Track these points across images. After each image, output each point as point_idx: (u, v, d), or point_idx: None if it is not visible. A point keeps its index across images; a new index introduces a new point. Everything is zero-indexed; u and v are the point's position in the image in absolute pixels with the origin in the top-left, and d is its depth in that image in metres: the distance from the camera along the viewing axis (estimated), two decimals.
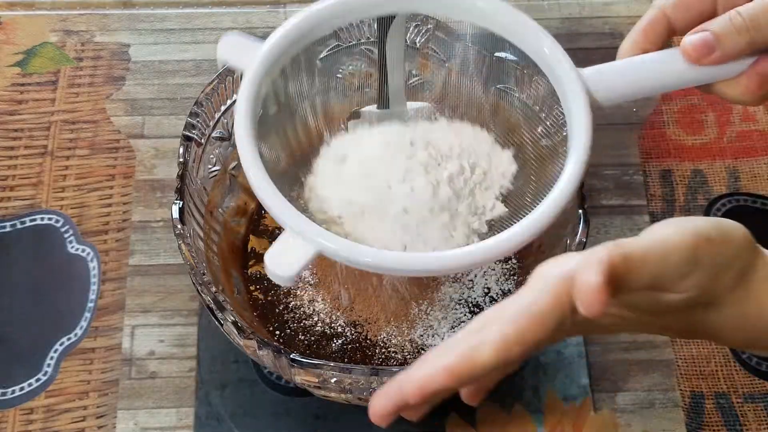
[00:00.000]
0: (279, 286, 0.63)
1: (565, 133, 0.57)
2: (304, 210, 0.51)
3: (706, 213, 0.70)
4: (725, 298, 0.41)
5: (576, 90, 0.48)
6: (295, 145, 0.62)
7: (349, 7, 0.52)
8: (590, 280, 0.37)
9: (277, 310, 0.62)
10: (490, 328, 0.39)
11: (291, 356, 0.50)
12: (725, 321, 0.42)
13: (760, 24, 0.43)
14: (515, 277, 0.63)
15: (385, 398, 0.41)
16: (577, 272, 0.38)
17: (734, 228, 0.41)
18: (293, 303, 0.63)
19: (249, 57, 0.51)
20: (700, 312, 0.42)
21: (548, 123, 0.57)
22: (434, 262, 0.48)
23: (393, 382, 0.41)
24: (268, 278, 0.63)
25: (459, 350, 0.40)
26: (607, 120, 0.73)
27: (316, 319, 0.62)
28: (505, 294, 0.63)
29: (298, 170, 0.57)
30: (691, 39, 0.45)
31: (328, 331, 0.61)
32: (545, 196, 0.48)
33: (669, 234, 0.40)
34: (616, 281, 0.38)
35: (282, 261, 0.46)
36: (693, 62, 0.45)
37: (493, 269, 0.64)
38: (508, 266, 0.64)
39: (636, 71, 0.48)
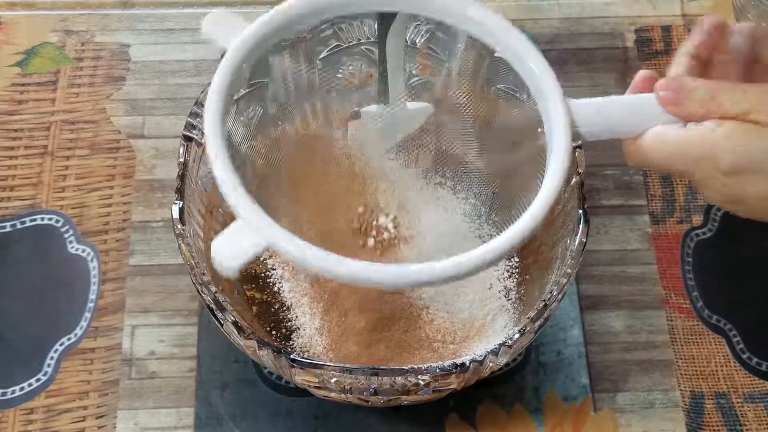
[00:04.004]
0: (275, 286, 0.63)
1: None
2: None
3: (707, 213, 0.70)
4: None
5: (562, 123, 0.48)
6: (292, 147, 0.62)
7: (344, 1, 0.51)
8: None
9: (273, 309, 0.62)
10: None
11: (291, 356, 0.50)
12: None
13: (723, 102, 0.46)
14: (517, 276, 0.63)
15: None
16: None
17: None
18: (291, 302, 0.63)
19: (232, 36, 0.49)
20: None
21: None
22: (395, 275, 0.45)
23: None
24: (263, 277, 0.64)
25: None
26: None
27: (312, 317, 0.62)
28: (508, 290, 0.63)
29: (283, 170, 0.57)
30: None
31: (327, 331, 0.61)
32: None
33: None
34: None
35: (229, 251, 0.45)
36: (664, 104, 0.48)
37: (496, 266, 0.64)
38: (510, 264, 0.64)
39: (621, 111, 0.49)
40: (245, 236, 0.45)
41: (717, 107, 0.46)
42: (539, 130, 0.53)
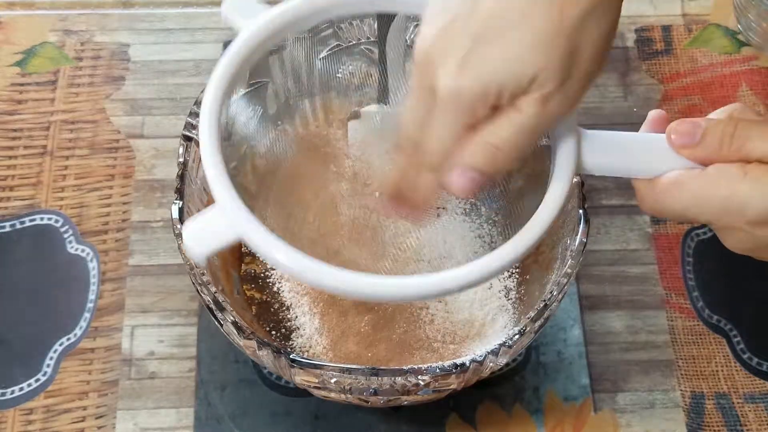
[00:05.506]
0: (274, 286, 0.63)
1: None
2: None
3: None
4: None
5: (570, 150, 0.46)
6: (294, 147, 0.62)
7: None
8: None
9: (273, 309, 0.62)
10: None
11: (291, 356, 0.50)
12: None
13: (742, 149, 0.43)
14: (517, 276, 0.63)
15: None
16: None
17: None
18: (291, 302, 0.63)
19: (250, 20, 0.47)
20: None
21: None
22: (366, 286, 0.44)
23: None
24: (262, 277, 0.63)
25: None
26: (608, 120, 0.73)
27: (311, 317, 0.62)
28: (508, 290, 0.63)
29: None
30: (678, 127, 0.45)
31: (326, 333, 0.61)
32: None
33: None
34: None
35: (200, 237, 0.44)
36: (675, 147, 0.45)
37: None
38: None
39: (633, 148, 0.46)
40: (219, 224, 0.44)
41: (737, 150, 0.42)
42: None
